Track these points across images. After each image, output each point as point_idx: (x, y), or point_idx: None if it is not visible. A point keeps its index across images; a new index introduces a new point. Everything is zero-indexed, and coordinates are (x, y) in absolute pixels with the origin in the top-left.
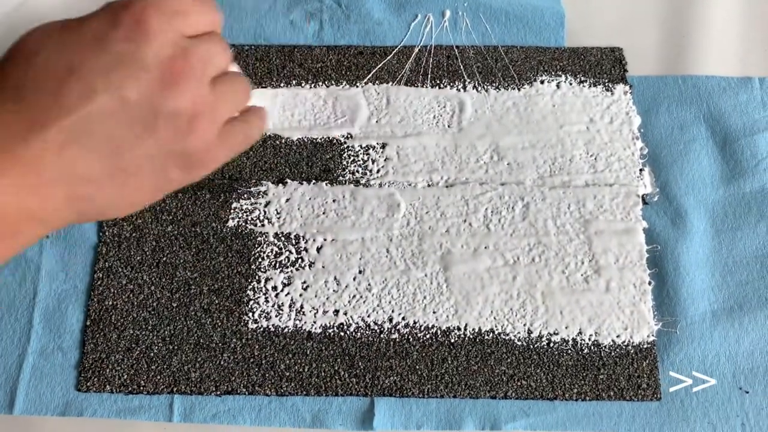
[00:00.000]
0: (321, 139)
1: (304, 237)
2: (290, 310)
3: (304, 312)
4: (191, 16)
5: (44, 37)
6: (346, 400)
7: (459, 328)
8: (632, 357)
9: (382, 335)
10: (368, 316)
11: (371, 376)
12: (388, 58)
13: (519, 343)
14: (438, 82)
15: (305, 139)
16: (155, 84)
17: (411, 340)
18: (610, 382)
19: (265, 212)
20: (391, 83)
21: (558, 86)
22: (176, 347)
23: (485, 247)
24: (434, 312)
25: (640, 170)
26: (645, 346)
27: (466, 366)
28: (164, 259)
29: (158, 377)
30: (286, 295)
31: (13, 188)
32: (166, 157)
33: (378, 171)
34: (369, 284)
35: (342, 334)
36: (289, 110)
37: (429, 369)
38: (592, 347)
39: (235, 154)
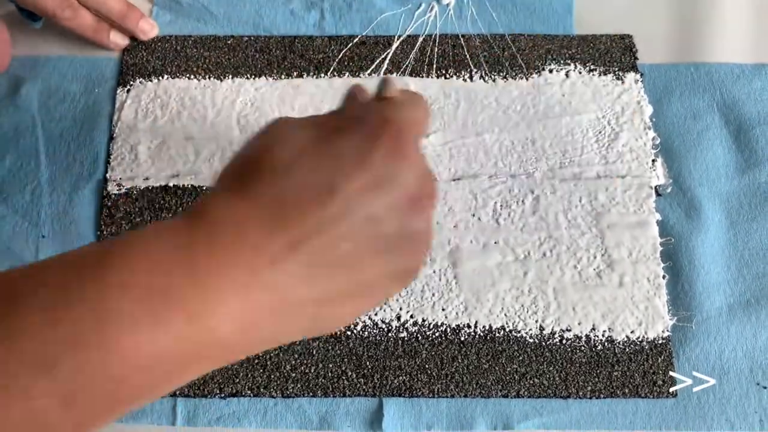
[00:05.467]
0: None
1: None
2: None
3: None
4: (421, 126)
5: (298, 148)
6: (354, 401)
7: (469, 326)
8: (647, 353)
9: (390, 334)
10: (375, 315)
11: (379, 376)
12: (393, 48)
13: (531, 340)
14: (444, 72)
15: None
16: (405, 206)
17: (420, 338)
18: (624, 379)
19: None
20: (395, 74)
21: (567, 75)
22: None
23: (495, 243)
24: (443, 309)
25: (653, 161)
26: (660, 342)
27: (476, 364)
28: None
29: None
30: None
31: (261, 313)
32: (396, 273)
33: None
34: None
35: (349, 333)
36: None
37: (439, 368)
38: (606, 343)
39: None
